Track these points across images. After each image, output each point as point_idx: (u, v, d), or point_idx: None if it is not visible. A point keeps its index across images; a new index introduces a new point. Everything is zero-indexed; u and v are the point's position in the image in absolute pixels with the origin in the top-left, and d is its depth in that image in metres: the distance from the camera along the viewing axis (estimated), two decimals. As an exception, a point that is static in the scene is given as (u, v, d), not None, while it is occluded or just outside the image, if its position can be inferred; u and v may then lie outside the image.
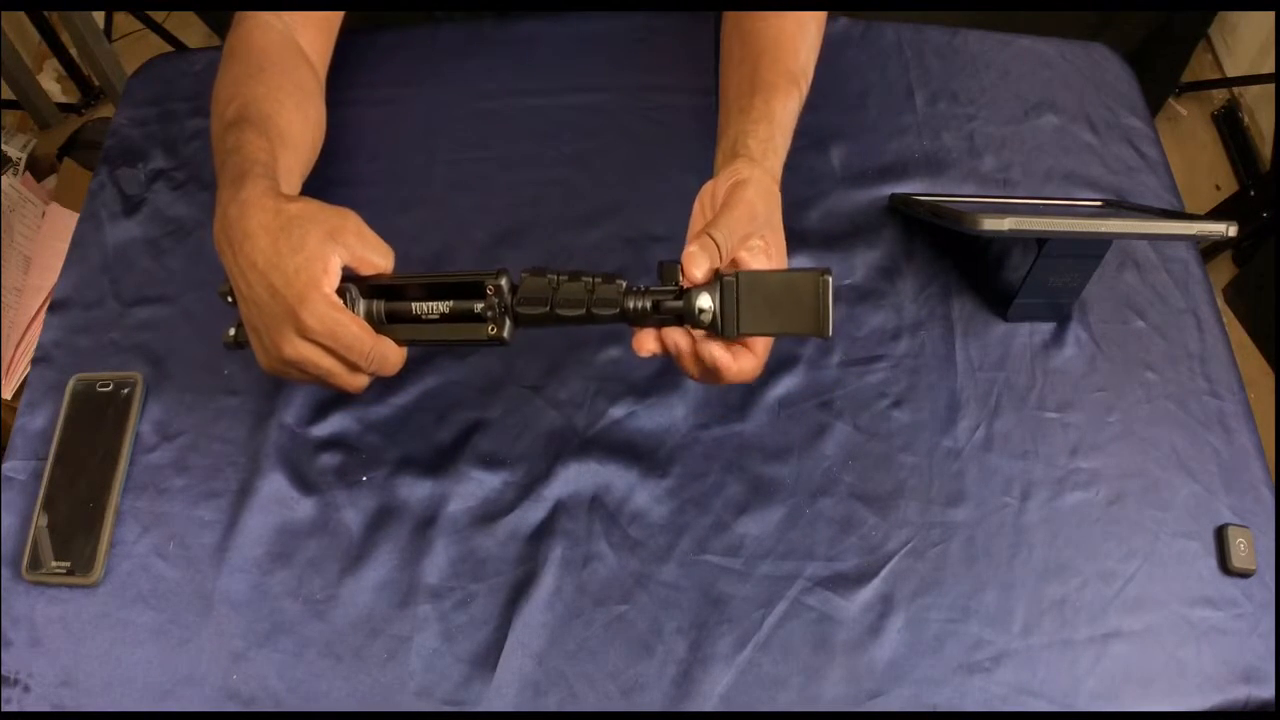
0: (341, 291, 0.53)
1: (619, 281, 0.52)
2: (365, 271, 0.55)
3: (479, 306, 0.53)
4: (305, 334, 0.52)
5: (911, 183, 0.77)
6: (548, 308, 0.52)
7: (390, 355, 0.55)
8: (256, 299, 0.53)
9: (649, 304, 0.52)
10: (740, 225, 0.53)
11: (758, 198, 0.55)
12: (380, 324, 0.55)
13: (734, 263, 0.54)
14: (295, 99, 0.65)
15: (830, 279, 0.48)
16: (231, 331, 0.58)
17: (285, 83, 0.66)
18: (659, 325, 0.53)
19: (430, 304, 0.54)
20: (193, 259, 0.73)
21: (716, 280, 0.50)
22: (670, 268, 0.52)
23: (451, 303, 0.54)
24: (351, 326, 0.52)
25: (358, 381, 0.55)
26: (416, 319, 0.55)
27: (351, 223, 0.54)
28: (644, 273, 0.71)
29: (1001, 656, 0.58)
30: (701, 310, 0.50)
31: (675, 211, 0.74)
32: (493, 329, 0.53)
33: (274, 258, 0.52)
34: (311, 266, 0.51)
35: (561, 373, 0.67)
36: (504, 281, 0.53)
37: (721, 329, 0.51)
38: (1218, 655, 0.59)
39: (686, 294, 0.50)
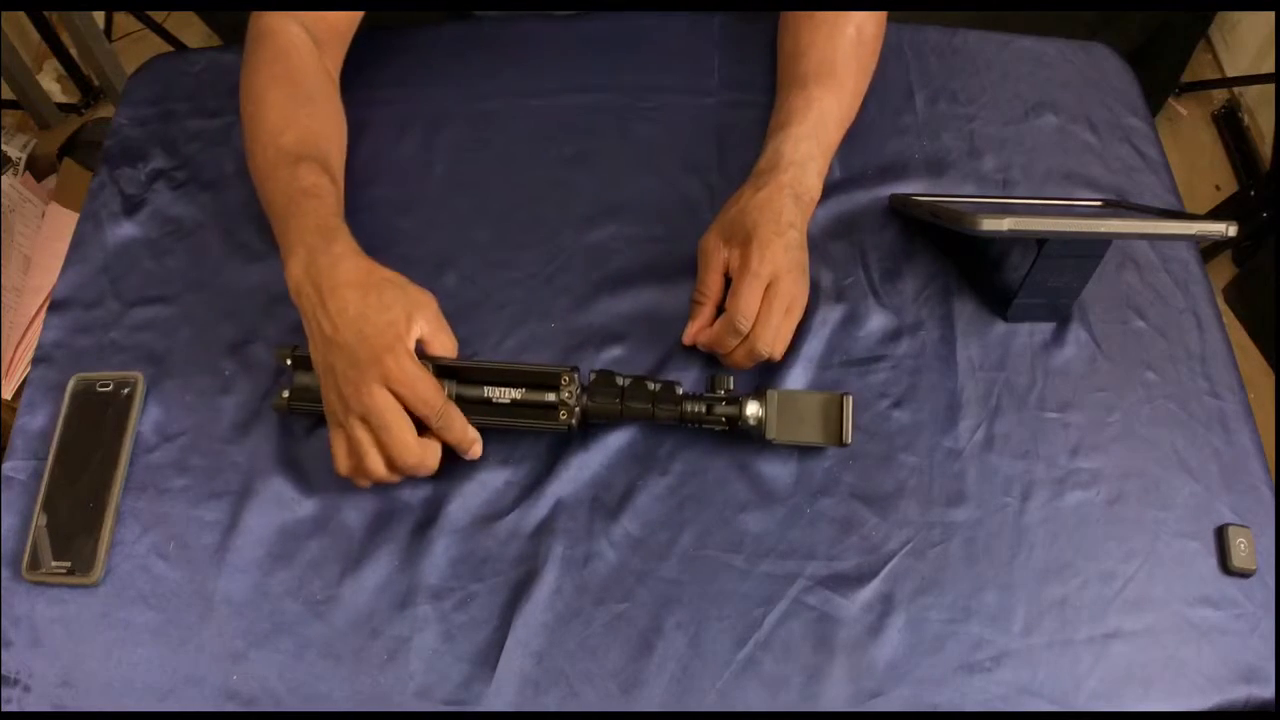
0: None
1: (678, 387, 0.61)
2: (433, 351, 0.60)
3: (551, 397, 0.60)
4: (387, 380, 0.55)
5: (911, 183, 0.77)
6: (618, 405, 0.60)
7: (456, 421, 0.58)
8: (343, 342, 0.55)
9: (704, 408, 0.61)
10: (755, 304, 0.61)
11: (771, 256, 0.62)
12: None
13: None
14: (337, 131, 0.70)
15: (850, 399, 0.61)
16: (285, 394, 0.62)
17: (327, 112, 0.69)
18: (706, 423, 0.62)
19: (502, 390, 0.60)
20: (193, 259, 0.73)
21: (761, 392, 0.61)
22: (721, 379, 0.62)
23: (523, 390, 0.60)
24: (429, 380, 0.56)
25: (418, 454, 0.56)
26: (487, 402, 0.60)
27: (432, 302, 0.60)
28: (644, 272, 0.71)
29: (1002, 656, 0.58)
30: (748, 417, 0.60)
31: (675, 211, 0.75)
32: (564, 415, 0.60)
33: (364, 309, 0.56)
34: (398, 325, 0.56)
35: (562, 373, 0.67)
36: (575, 382, 0.60)
37: (764, 432, 0.60)
38: (1218, 655, 0.59)
39: (737, 402, 0.61)
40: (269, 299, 0.70)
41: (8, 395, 1.30)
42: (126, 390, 0.66)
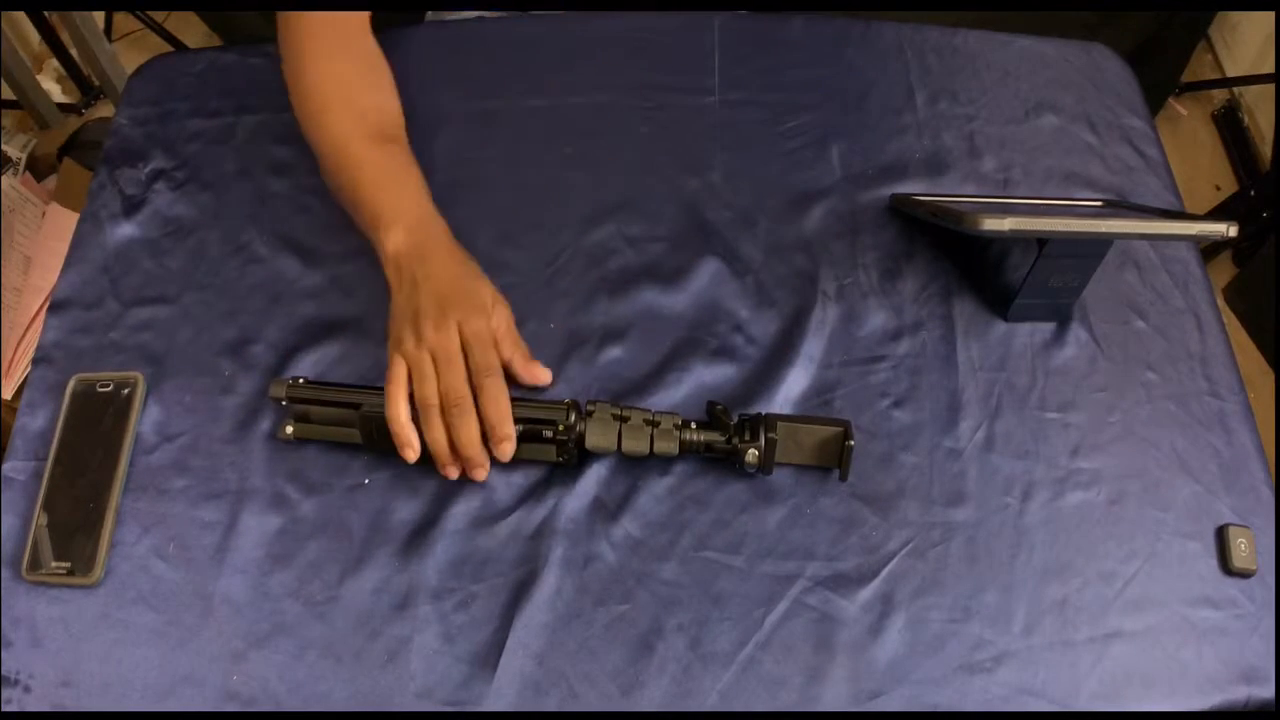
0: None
1: (677, 418, 0.61)
2: (504, 353, 0.62)
3: (548, 433, 0.60)
4: (463, 327, 0.59)
5: (911, 183, 0.77)
6: (615, 445, 0.60)
7: (503, 399, 0.59)
8: (434, 290, 0.60)
9: (704, 443, 0.61)
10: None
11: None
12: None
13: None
14: (397, 100, 0.72)
15: (852, 444, 0.60)
16: (289, 429, 0.63)
17: (388, 81, 0.72)
18: (707, 457, 0.63)
19: None
20: (193, 259, 0.73)
21: (761, 433, 0.60)
22: (720, 412, 0.61)
23: (523, 426, 0.60)
24: (494, 350, 0.61)
25: (468, 396, 0.58)
26: (485, 436, 0.60)
27: (508, 308, 0.65)
28: (644, 272, 0.71)
29: (1002, 657, 0.58)
30: (749, 461, 0.60)
31: (675, 211, 0.75)
32: (564, 458, 0.61)
33: (461, 276, 0.63)
34: (486, 299, 0.62)
35: (564, 372, 0.67)
36: (573, 417, 0.61)
37: (760, 469, 0.61)
38: (1218, 655, 0.59)
39: (737, 445, 0.60)
40: (269, 299, 0.70)
41: (8, 395, 1.30)
42: (126, 390, 0.66)
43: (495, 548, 0.61)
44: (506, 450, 0.59)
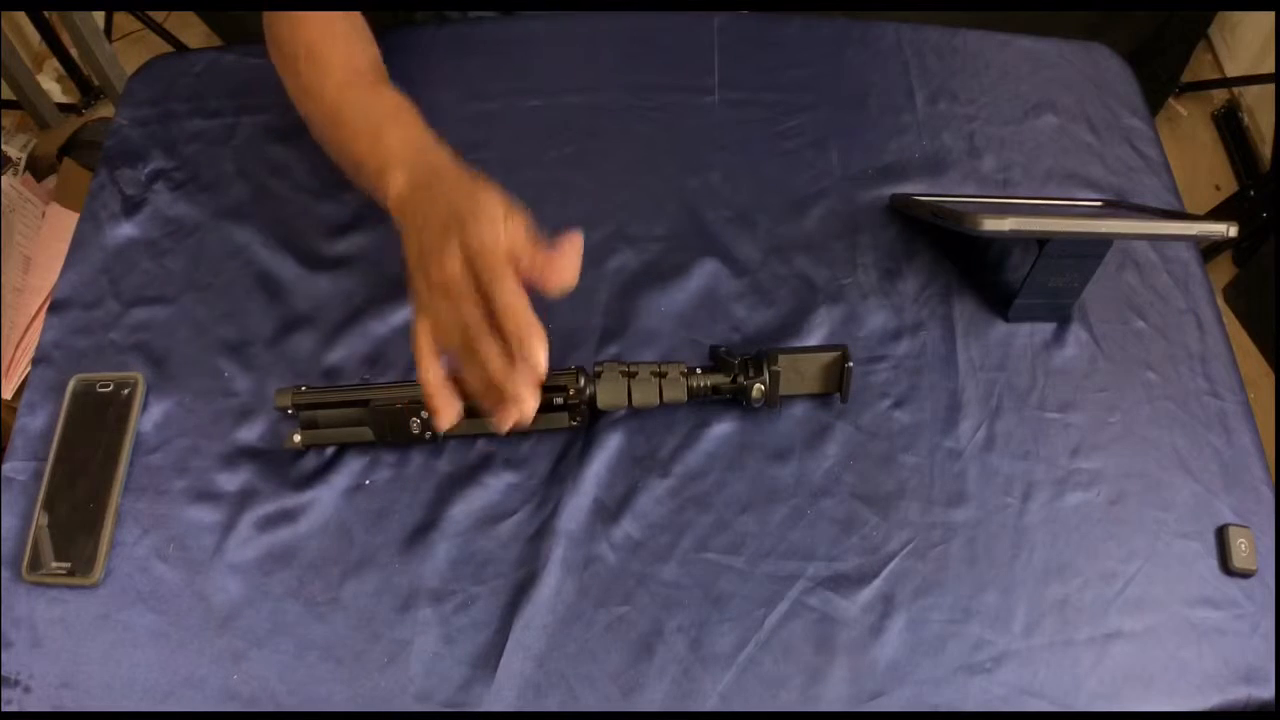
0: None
1: (682, 366, 0.63)
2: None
3: (559, 399, 0.61)
4: (465, 241, 0.50)
5: (911, 183, 0.77)
6: (626, 400, 0.61)
7: (524, 309, 0.49)
8: (435, 222, 0.52)
9: (710, 386, 0.63)
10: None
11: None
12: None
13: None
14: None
15: (849, 353, 0.63)
16: (296, 437, 0.63)
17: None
18: (714, 400, 0.65)
19: None
20: (193, 259, 0.72)
21: (764, 369, 0.62)
22: (724, 355, 0.63)
23: None
24: (504, 255, 0.50)
25: (486, 326, 0.49)
26: None
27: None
28: (642, 272, 0.71)
29: (1002, 657, 0.58)
30: (754, 396, 0.62)
31: (676, 211, 0.75)
32: (577, 421, 0.62)
33: (460, 185, 0.55)
34: (493, 202, 0.53)
35: (562, 373, 0.67)
36: (582, 380, 0.61)
37: (767, 402, 0.63)
38: (1218, 655, 0.59)
39: (742, 383, 0.62)
40: (268, 299, 0.70)
41: (8, 395, 1.30)
42: (126, 391, 0.66)
43: (495, 549, 0.61)
44: (538, 349, 0.48)
